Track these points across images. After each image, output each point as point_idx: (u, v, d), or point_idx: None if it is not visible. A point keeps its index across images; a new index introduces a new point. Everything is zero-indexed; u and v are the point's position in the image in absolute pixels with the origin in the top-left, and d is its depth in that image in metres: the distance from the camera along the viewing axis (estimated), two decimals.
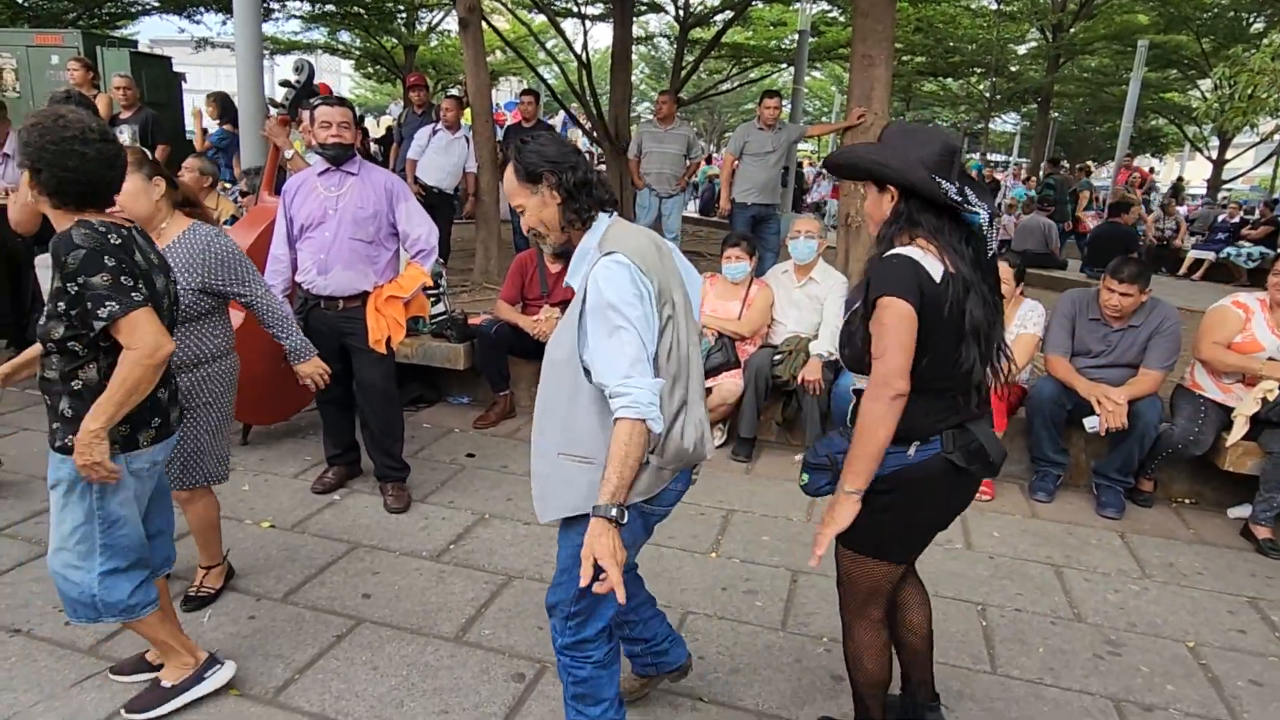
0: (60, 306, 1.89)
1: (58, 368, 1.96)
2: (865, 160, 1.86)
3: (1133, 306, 3.68)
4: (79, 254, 1.85)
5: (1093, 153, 32.01)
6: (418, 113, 7.56)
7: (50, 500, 2.05)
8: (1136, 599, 3.08)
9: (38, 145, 1.86)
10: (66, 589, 2.06)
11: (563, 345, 1.82)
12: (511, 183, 1.86)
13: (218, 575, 2.82)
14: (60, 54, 8.13)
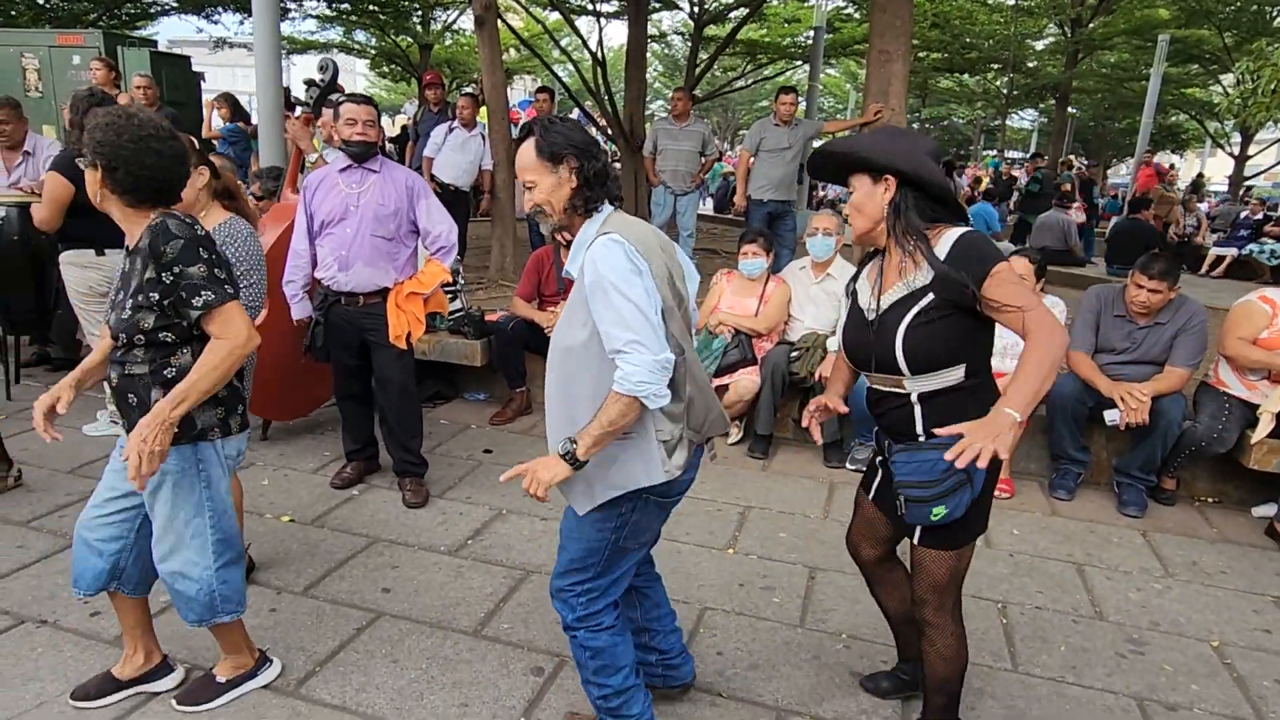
0: (153, 296, 1.91)
1: (146, 360, 1.97)
2: (866, 149, 1.85)
3: (1161, 303, 3.64)
4: (178, 244, 1.90)
5: (1112, 149, 31.68)
6: (434, 111, 7.58)
7: (153, 509, 2.03)
8: (1159, 598, 3.05)
9: (114, 144, 1.88)
10: (185, 588, 2.06)
11: (575, 331, 1.85)
12: (530, 158, 1.87)
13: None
14: (82, 54, 8.22)
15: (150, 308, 1.93)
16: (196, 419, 2.01)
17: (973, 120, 33.45)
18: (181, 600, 2.09)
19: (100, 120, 1.92)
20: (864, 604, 2.88)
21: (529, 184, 1.89)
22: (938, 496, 1.81)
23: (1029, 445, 4.10)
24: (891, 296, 1.86)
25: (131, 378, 1.98)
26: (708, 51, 11.95)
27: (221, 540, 2.09)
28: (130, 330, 1.94)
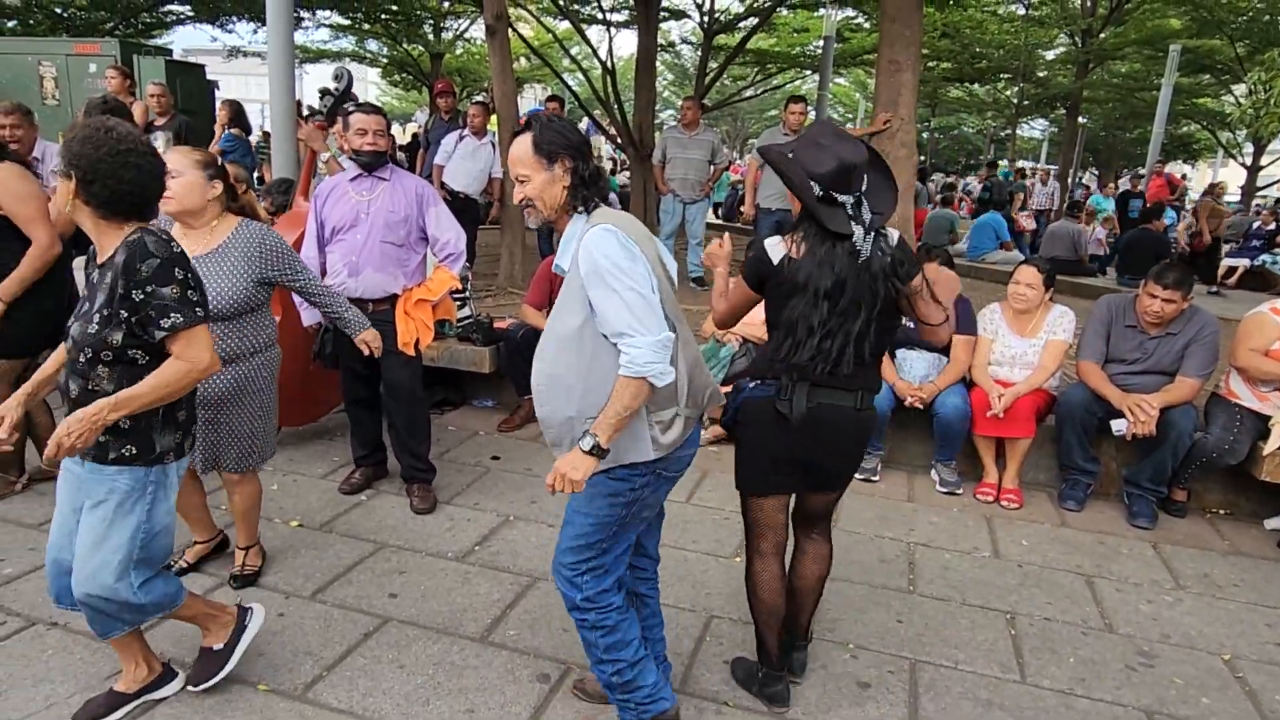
0: (122, 313, 1.90)
1: (111, 377, 1.95)
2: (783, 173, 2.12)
3: (1174, 314, 3.63)
4: (154, 263, 1.90)
5: (1122, 159, 31.58)
6: (444, 119, 7.63)
7: (86, 520, 2.00)
8: (1170, 610, 3.02)
9: (92, 158, 1.87)
10: (104, 606, 2.02)
11: (567, 319, 1.92)
12: (526, 152, 1.92)
13: (257, 554, 2.98)
14: (98, 63, 8.32)
15: (118, 324, 1.92)
16: (157, 442, 2.02)
17: (982, 130, 33.42)
18: (97, 616, 2.05)
19: (80, 132, 1.91)
20: (870, 614, 2.88)
21: (521, 177, 1.95)
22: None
23: (1037, 455, 4.08)
24: None
25: (95, 394, 1.94)
26: (717, 61, 12.01)
27: (144, 561, 2.05)
28: (96, 345, 1.93)
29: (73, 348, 1.98)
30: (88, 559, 1.99)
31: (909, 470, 4.24)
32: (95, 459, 1.98)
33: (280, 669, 2.43)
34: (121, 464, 1.98)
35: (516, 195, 1.97)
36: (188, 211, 2.62)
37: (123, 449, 1.98)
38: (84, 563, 2.00)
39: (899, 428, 4.21)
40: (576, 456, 1.84)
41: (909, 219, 5.99)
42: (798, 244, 2.10)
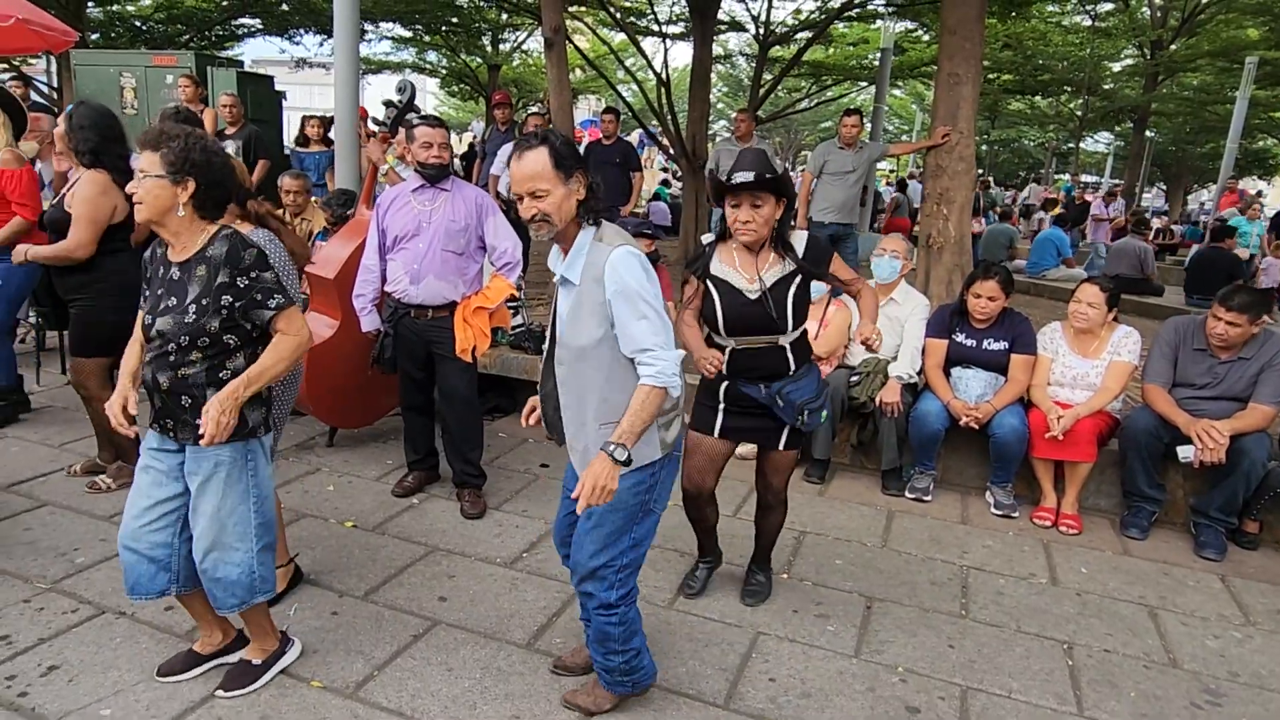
0: (226, 299, 2.07)
1: (203, 362, 2.10)
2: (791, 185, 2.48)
3: (1240, 338, 3.49)
4: (253, 252, 2.11)
5: (1192, 174, 30.50)
6: (501, 130, 7.76)
7: (200, 500, 2.15)
8: (1239, 647, 2.90)
9: (213, 166, 2.08)
10: (225, 573, 2.17)
11: (587, 332, 2.05)
12: (545, 166, 1.94)
13: (283, 576, 2.82)
14: (175, 74, 8.68)
15: (218, 311, 2.07)
16: (248, 417, 2.16)
17: (1044, 143, 32.61)
18: (222, 587, 2.19)
19: (192, 142, 2.06)
20: (921, 638, 2.83)
21: (541, 191, 1.95)
22: (822, 405, 2.67)
23: (1099, 480, 3.95)
24: (771, 278, 2.54)
25: (186, 379, 2.10)
26: (773, 73, 11.97)
27: (262, 524, 2.22)
28: (194, 333, 2.07)
29: (160, 341, 2.10)
30: (212, 531, 2.15)
31: (962, 491, 4.15)
32: (196, 440, 2.10)
33: (333, 666, 2.49)
34: (231, 441, 2.13)
35: (531, 210, 1.95)
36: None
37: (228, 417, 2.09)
38: (210, 536, 2.15)
39: (953, 448, 4.12)
40: (608, 467, 1.94)
41: (966, 236, 5.87)
42: None
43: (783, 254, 2.54)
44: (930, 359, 4.08)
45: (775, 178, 2.40)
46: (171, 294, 2.12)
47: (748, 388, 2.65)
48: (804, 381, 2.63)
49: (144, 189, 2.05)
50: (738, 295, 2.56)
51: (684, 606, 2.94)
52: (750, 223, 2.46)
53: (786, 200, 2.49)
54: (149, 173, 2.04)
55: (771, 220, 2.49)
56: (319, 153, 7.41)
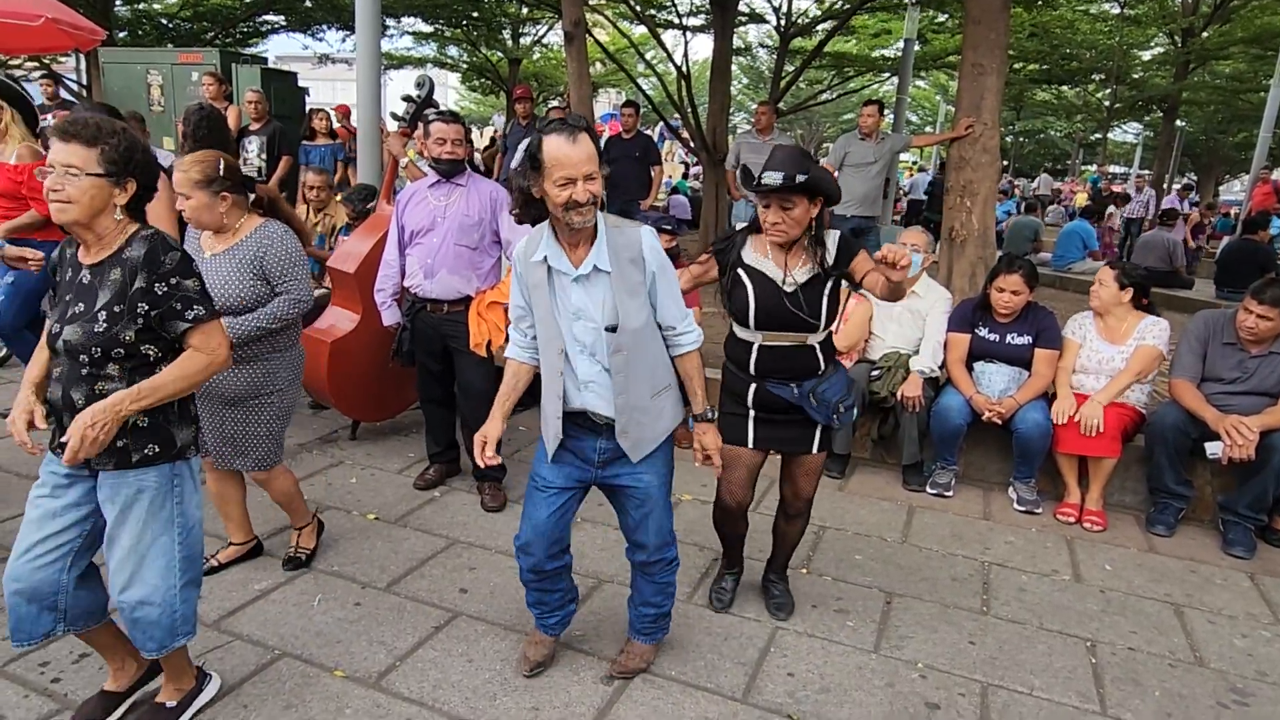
0: (142, 307, 1.86)
1: (122, 377, 1.89)
2: (826, 184, 2.37)
3: (1271, 332, 3.43)
4: (175, 255, 1.91)
5: (1224, 164, 29.90)
6: (522, 124, 7.78)
7: (117, 533, 1.93)
8: (1268, 646, 2.85)
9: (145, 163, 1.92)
10: (146, 614, 1.95)
11: (636, 313, 2.15)
12: (594, 152, 2.02)
13: (310, 534, 3.08)
14: (200, 71, 8.79)
15: (133, 319, 1.86)
16: (177, 437, 1.98)
17: (1071, 134, 32.11)
18: (140, 630, 1.98)
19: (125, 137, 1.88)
20: (942, 634, 2.81)
21: (594, 175, 2.01)
22: (854, 402, 2.62)
23: (1123, 477, 3.90)
24: (804, 274, 2.46)
25: (103, 395, 1.86)
26: (794, 64, 11.89)
27: (186, 557, 2.02)
28: (107, 344, 1.85)
29: (70, 352, 1.87)
30: (129, 565, 1.93)
31: (985, 487, 4.12)
32: (118, 465, 1.92)
33: (356, 656, 2.52)
34: (146, 464, 1.93)
35: (586, 193, 1.99)
36: (207, 226, 2.66)
37: (145, 449, 1.93)
38: (126, 571, 1.93)
39: (975, 443, 4.09)
40: (705, 428, 2.33)
41: (990, 229, 5.80)
42: None
43: (815, 253, 2.44)
44: (952, 353, 4.04)
45: (805, 180, 2.30)
46: (80, 299, 1.90)
47: (777, 389, 2.54)
48: (834, 380, 2.57)
49: (77, 188, 1.81)
50: (771, 286, 2.47)
51: (702, 601, 2.95)
52: (780, 224, 2.39)
53: (824, 198, 2.39)
54: (83, 170, 1.81)
55: (804, 220, 2.39)
56: (324, 146, 7.49)
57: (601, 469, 2.31)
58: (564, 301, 2.15)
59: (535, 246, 2.15)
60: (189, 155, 2.70)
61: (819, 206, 2.40)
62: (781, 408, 2.56)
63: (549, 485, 2.32)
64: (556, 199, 1.99)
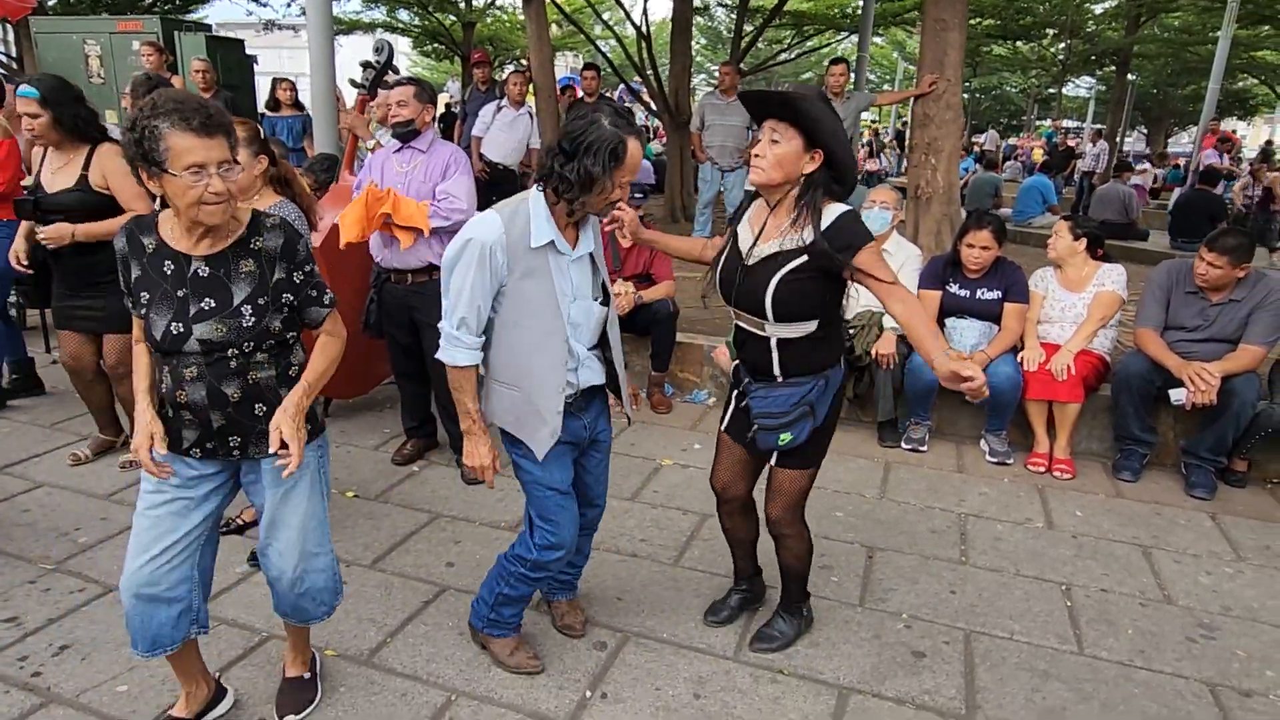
0: (286, 298, 1.85)
1: (270, 363, 1.87)
2: (826, 125, 1.97)
3: (1221, 280, 3.53)
4: (306, 242, 1.91)
5: (1173, 116, 30.43)
6: (481, 90, 7.61)
7: (282, 514, 1.95)
8: (1230, 582, 2.97)
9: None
10: (313, 582, 2.02)
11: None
12: None
13: None
14: (140, 40, 8.41)
15: (279, 309, 1.85)
16: (319, 414, 2.02)
17: (1026, 89, 32.39)
18: (310, 599, 2.05)
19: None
20: (923, 585, 2.88)
21: None
22: (784, 425, 2.17)
23: (1091, 425, 4.01)
24: (768, 249, 2.09)
25: (259, 384, 1.86)
26: (754, 24, 11.76)
27: (329, 520, 2.11)
28: (258, 336, 1.82)
29: (211, 350, 1.79)
30: (299, 542, 1.97)
31: (957, 441, 4.20)
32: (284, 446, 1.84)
33: (346, 635, 2.50)
34: (307, 443, 1.91)
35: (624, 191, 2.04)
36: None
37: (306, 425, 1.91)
38: (298, 548, 1.97)
39: (947, 398, 4.15)
40: None
41: (954, 186, 5.85)
42: None
43: (798, 224, 2.03)
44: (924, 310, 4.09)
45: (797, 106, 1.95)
46: (207, 294, 1.79)
47: (743, 372, 2.29)
48: (779, 393, 2.16)
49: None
50: (736, 256, 2.18)
51: (689, 563, 2.98)
52: (760, 157, 2.03)
53: (824, 154, 2.00)
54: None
55: (788, 167, 2.00)
56: (292, 117, 7.24)
57: (586, 436, 2.29)
58: (563, 284, 2.07)
59: (521, 233, 1.98)
60: None
61: (816, 164, 2.01)
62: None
63: (568, 485, 2.23)
64: (614, 196, 1.99)
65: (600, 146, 1.89)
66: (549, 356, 2.08)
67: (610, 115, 1.93)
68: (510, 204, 2.04)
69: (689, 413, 4.52)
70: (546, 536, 2.21)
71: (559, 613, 2.58)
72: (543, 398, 2.10)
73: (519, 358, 2.08)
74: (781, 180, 2.03)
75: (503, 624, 2.36)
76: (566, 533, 2.21)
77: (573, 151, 1.92)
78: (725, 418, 2.42)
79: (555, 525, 2.20)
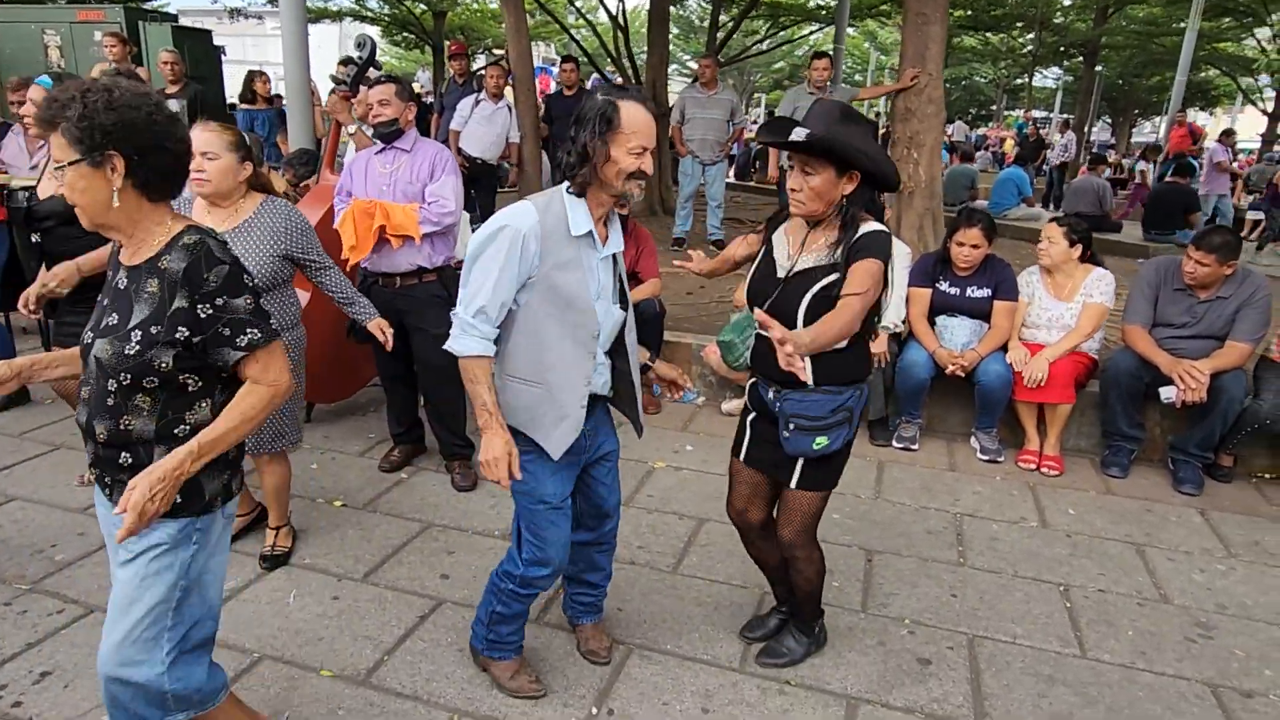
0: (182, 332, 1.53)
1: (153, 411, 1.57)
2: (852, 152, 1.94)
3: (1208, 278, 3.56)
4: (223, 270, 1.55)
5: (1138, 107, 30.95)
6: (459, 82, 7.47)
7: (119, 581, 1.62)
8: (1224, 579, 3.00)
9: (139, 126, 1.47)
10: (122, 694, 1.64)
11: None
12: None
13: (288, 534, 3.00)
14: (103, 30, 8.13)
15: (172, 344, 1.53)
16: (205, 488, 1.62)
17: (995, 80, 32.73)
18: (118, 708, 1.66)
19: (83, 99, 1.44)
20: (924, 588, 2.87)
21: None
22: (822, 429, 2.10)
23: (1079, 422, 4.03)
24: (806, 262, 2.07)
25: (129, 433, 1.57)
26: (729, 13, 11.69)
27: (179, 625, 1.65)
28: (138, 370, 1.52)
29: (98, 373, 1.56)
30: (124, 632, 1.60)
31: (948, 438, 4.21)
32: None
33: (341, 654, 2.43)
34: (172, 515, 1.58)
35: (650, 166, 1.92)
36: (220, 194, 2.58)
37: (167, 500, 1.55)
38: (118, 637, 1.61)
39: (936, 395, 4.16)
40: None
41: (936, 180, 5.85)
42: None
43: (837, 240, 2.01)
44: (914, 308, 4.08)
45: (818, 141, 1.92)
46: (115, 309, 1.58)
47: (763, 387, 2.22)
48: (816, 398, 2.09)
49: (68, 187, 1.48)
50: (770, 267, 2.14)
51: (688, 570, 2.94)
52: (797, 192, 2.01)
53: (863, 175, 1.98)
54: (62, 161, 1.46)
55: (827, 195, 1.99)
56: (271, 110, 7.05)
57: (589, 452, 2.18)
58: (592, 280, 1.99)
59: (558, 221, 1.92)
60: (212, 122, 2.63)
61: (854, 183, 1.98)
62: (766, 417, 2.23)
63: (563, 500, 2.12)
64: (625, 165, 1.86)
65: (590, 114, 1.86)
66: (577, 349, 2.00)
67: (604, 88, 1.94)
68: (544, 195, 1.99)
69: (679, 413, 4.47)
70: (533, 551, 2.13)
71: (583, 637, 2.47)
72: (568, 391, 2.01)
73: (544, 352, 1.98)
74: (824, 209, 2.03)
75: (502, 644, 2.28)
76: (554, 551, 2.13)
77: (576, 133, 1.90)
78: (742, 449, 2.34)
79: (543, 541, 2.12)
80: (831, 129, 1.94)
